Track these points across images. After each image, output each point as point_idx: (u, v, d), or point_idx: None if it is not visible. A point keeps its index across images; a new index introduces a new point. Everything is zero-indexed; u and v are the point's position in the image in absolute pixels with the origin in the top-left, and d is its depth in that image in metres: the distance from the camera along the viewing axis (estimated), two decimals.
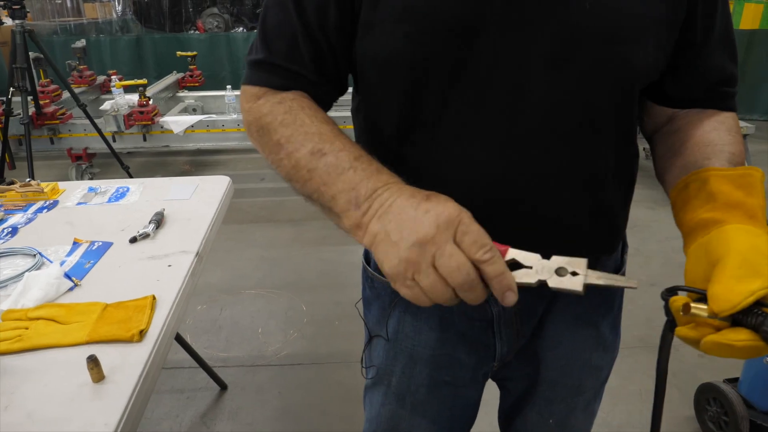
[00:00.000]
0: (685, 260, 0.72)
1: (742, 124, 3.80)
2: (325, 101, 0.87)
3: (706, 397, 1.98)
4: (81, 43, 4.82)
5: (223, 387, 2.18)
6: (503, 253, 0.63)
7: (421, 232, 0.60)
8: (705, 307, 0.62)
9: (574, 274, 0.63)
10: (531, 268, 0.63)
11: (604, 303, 0.96)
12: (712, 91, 0.84)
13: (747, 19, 6.89)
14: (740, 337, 0.59)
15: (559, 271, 0.63)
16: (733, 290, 0.60)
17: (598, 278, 0.63)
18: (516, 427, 1.10)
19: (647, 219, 3.73)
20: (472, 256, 0.60)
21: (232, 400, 2.13)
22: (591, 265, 0.64)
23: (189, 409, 2.08)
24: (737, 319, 0.60)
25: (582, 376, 0.99)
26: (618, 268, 0.97)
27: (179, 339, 2.10)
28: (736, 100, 0.86)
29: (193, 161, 4.92)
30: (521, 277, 0.63)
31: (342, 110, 1.37)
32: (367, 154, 0.73)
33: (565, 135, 0.75)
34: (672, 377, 2.29)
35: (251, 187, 4.18)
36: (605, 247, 0.90)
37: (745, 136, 3.76)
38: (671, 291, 0.68)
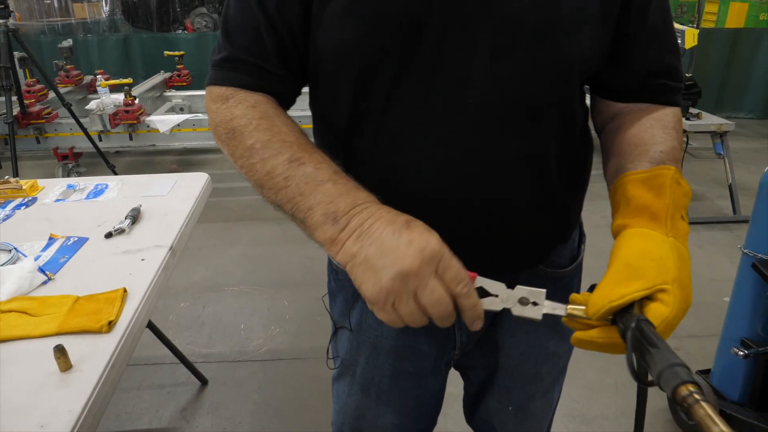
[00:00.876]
0: None
1: (722, 121, 3.85)
2: (289, 97, 0.89)
3: None
4: (68, 42, 4.82)
5: (203, 382, 2.20)
6: (471, 280, 0.67)
7: (405, 264, 0.62)
8: (583, 308, 0.68)
9: (534, 304, 0.70)
10: (497, 296, 0.69)
11: (558, 291, 0.98)
12: (650, 84, 0.86)
13: (732, 18, 6.95)
14: (602, 334, 0.65)
15: (522, 300, 0.70)
16: (604, 295, 0.65)
17: (554, 309, 0.70)
18: (479, 415, 1.12)
19: None
20: (452, 291, 0.64)
21: (212, 395, 2.15)
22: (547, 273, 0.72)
23: (169, 404, 2.10)
24: (615, 319, 0.65)
25: (540, 363, 1.02)
26: (575, 258, 0.99)
27: (160, 335, 2.12)
28: (679, 95, 0.88)
29: (180, 160, 4.93)
30: (488, 304, 0.69)
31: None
32: (345, 171, 0.74)
33: (508, 124, 0.78)
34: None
35: (237, 186, 4.19)
36: (557, 235, 0.93)
37: (725, 133, 3.81)
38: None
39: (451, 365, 1.05)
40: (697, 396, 0.55)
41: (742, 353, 1.76)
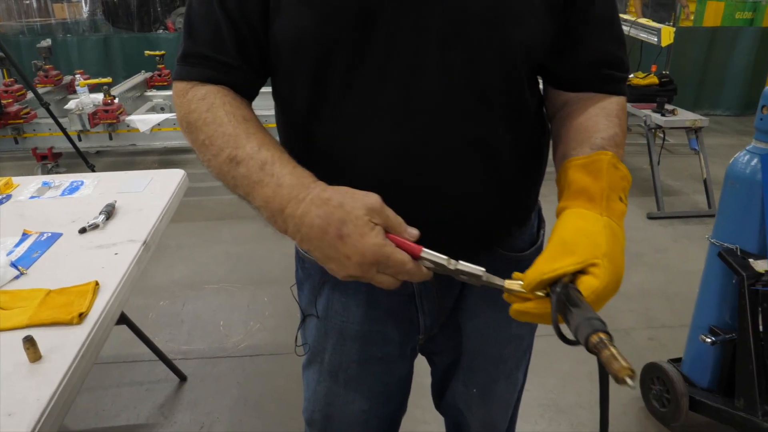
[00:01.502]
0: (640, 251, 0.78)
1: (697, 117, 3.91)
2: (250, 89, 0.91)
3: (651, 376, 2.06)
4: (46, 42, 4.78)
5: (182, 379, 2.21)
6: (418, 251, 0.72)
7: (350, 271, 0.71)
8: (520, 283, 0.73)
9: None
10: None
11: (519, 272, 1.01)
12: (595, 73, 0.89)
13: (709, 17, 7.06)
14: (536, 305, 0.70)
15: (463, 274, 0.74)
16: (538, 269, 0.70)
17: (492, 281, 0.74)
18: (446, 400, 1.15)
19: None
20: (397, 277, 0.72)
21: (191, 391, 2.16)
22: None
23: (147, 401, 2.11)
24: (549, 292, 0.70)
25: (502, 345, 1.04)
26: (534, 242, 1.02)
27: (139, 333, 2.12)
28: (624, 84, 0.91)
29: (162, 160, 4.91)
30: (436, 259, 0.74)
31: None
32: (274, 153, 0.77)
33: (459, 110, 0.81)
34: None
35: (218, 185, 4.13)
36: (512, 219, 0.95)
37: (699, 128, 3.87)
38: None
39: (417, 350, 1.07)
40: (606, 342, 0.61)
41: (710, 340, 1.80)
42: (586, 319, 0.64)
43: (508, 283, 0.73)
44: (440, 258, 0.72)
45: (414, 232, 0.73)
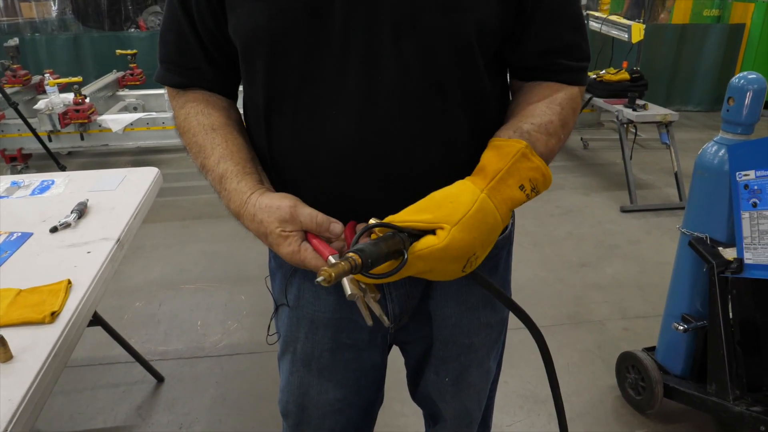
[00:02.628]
0: (614, 243, 0.78)
1: (667, 112, 3.98)
2: (223, 89, 0.95)
3: (626, 365, 2.09)
4: (14, 41, 4.68)
5: (159, 379, 2.18)
6: (325, 257, 0.76)
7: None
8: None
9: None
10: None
11: (487, 262, 1.01)
12: (546, 62, 0.88)
13: (678, 14, 7.19)
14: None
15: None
16: (393, 216, 0.73)
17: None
18: (420, 390, 1.15)
19: (581, 204, 3.88)
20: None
21: (168, 392, 2.13)
22: None
23: (124, 403, 2.08)
24: None
25: (472, 333, 1.05)
26: (503, 230, 1.03)
27: (114, 334, 2.09)
28: (581, 73, 0.89)
29: (136, 161, 4.84)
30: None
31: None
32: (228, 166, 0.85)
33: (416, 98, 0.81)
34: (596, 349, 2.40)
35: (194, 185, 4.15)
36: None
37: (670, 123, 3.95)
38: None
39: (390, 340, 1.07)
40: (348, 257, 0.65)
41: (682, 328, 1.84)
42: (366, 245, 0.67)
43: (372, 220, 0.74)
44: (345, 264, 0.69)
45: (335, 229, 0.79)
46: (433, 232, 0.72)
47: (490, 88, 0.88)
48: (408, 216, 0.72)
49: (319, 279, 0.62)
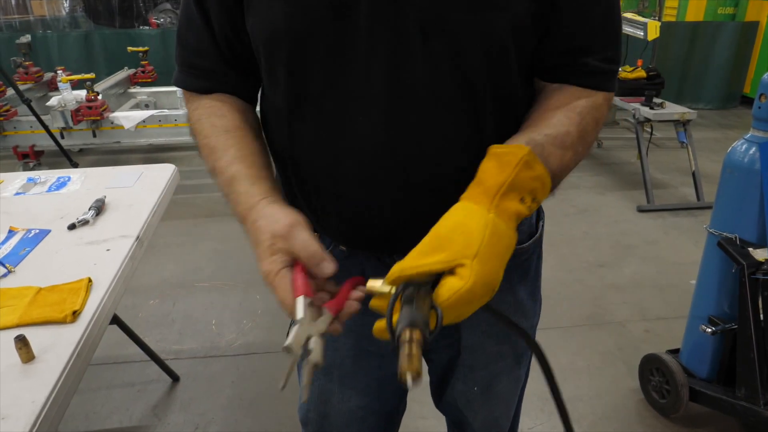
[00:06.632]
0: (631, 243, 0.72)
1: (685, 110, 3.93)
2: (242, 92, 0.91)
3: (650, 368, 2.05)
4: (26, 38, 4.68)
5: (175, 379, 2.16)
6: (296, 295, 0.69)
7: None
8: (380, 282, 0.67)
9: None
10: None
11: (517, 268, 0.97)
12: (570, 62, 0.80)
13: (691, 12, 7.11)
14: (380, 301, 0.66)
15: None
16: (400, 264, 0.64)
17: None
18: (446, 399, 1.11)
19: (597, 204, 3.83)
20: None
21: (184, 392, 2.11)
22: None
23: (140, 402, 2.05)
24: None
25: (501, 341, 1.01)
26: (533, 234, 0.99)
27: (129, 333, 2.07)
28: (608, 79, 0.82)
29: (147, 158, 4.83)
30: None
31: None
32: (241, 169, 0.80)
33: (444, 101, 0.76)
34: (617, 351, 2.36)
35: (207, 183, 4.13)
36: None
37: (688, 121, 3.89)
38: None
39: None
40: (414, 339, 0.57)
41: (710, 330, 1.80)
42: (410, 314, 0.59)
43: (371, 283, 0.67)
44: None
45: (325, 269, 0.70)
46: (451, 271, 0.63)
47: (522, 93, 0.82)
48: (419, 260, 0.64)
49: (408, 382, 0.55)
